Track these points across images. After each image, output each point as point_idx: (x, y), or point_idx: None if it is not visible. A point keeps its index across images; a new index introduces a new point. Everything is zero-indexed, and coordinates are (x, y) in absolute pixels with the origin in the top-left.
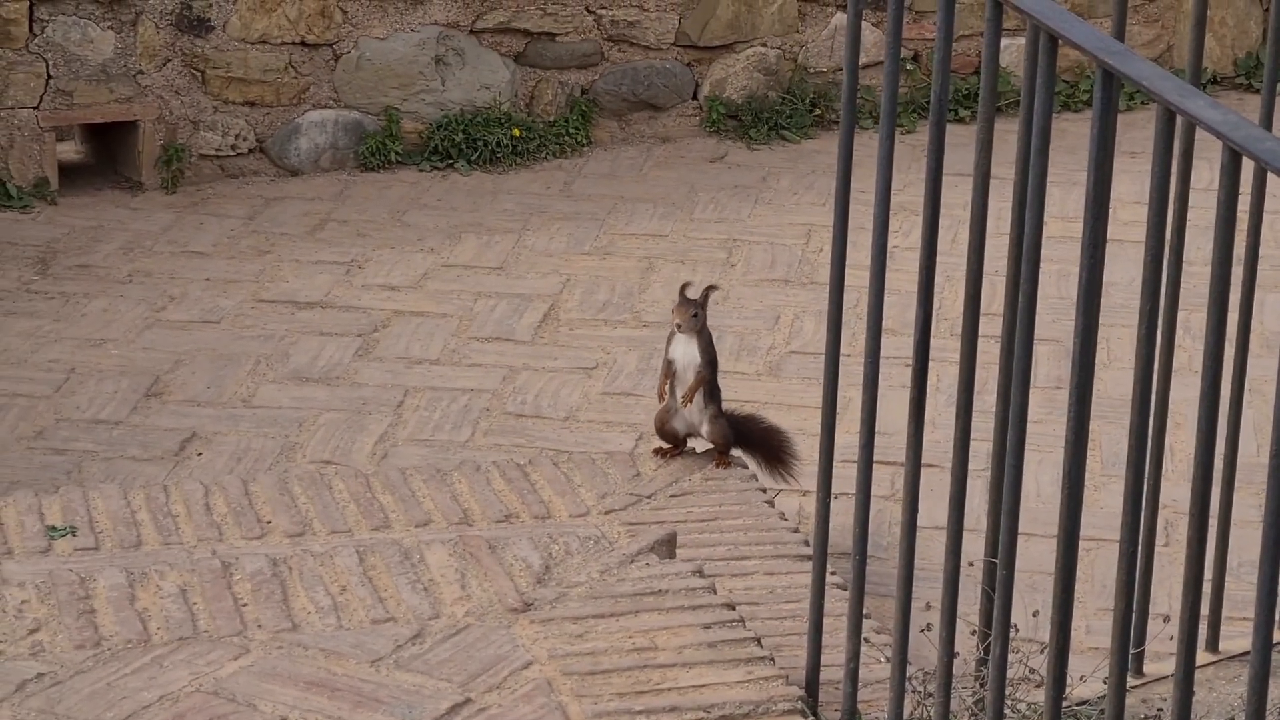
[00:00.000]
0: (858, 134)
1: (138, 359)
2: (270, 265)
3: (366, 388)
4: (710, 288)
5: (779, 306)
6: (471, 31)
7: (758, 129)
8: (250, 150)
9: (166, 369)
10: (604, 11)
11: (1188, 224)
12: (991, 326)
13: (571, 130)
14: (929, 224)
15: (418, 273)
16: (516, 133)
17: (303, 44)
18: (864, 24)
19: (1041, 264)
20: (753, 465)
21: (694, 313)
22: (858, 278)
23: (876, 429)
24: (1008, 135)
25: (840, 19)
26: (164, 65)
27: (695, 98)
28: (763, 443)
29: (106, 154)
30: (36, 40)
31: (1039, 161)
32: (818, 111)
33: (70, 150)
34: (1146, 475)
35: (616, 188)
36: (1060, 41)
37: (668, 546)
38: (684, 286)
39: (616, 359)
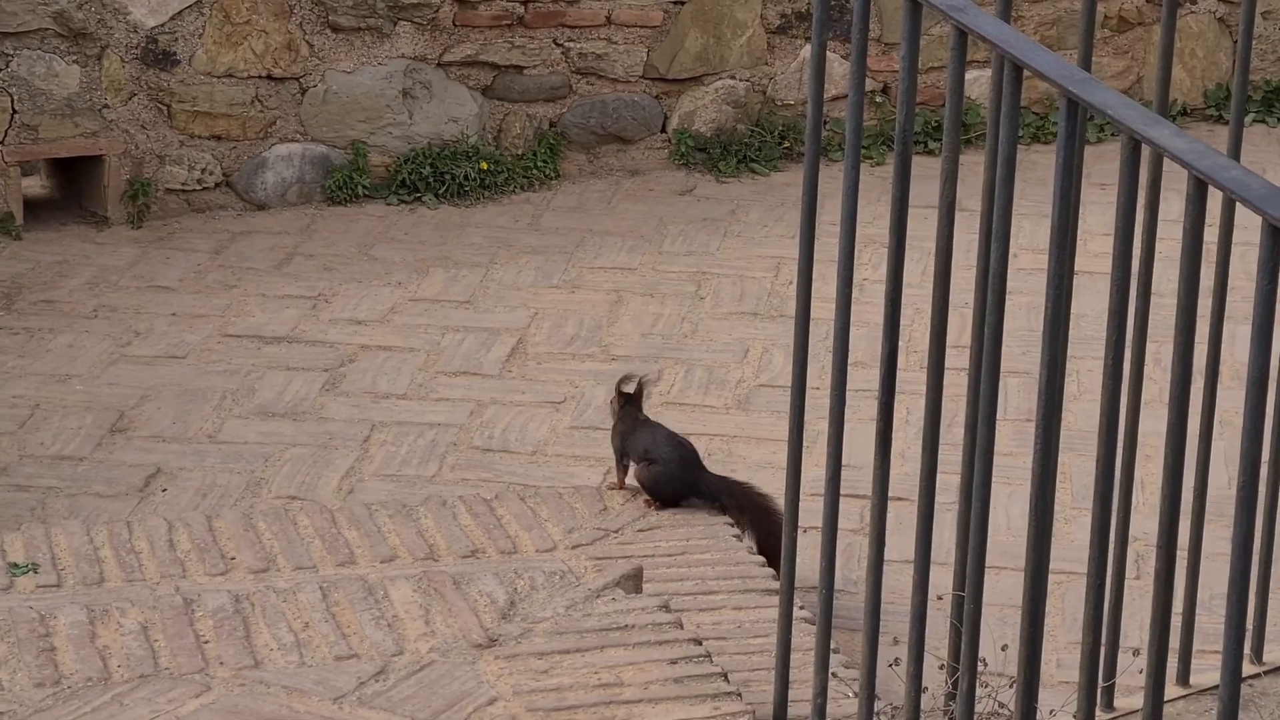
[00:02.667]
0: (826, 166)
1: (102, 394)
2: (237, 300)
3: (333, 423)
4: (643, 380)
5: (748, 339)
6: (439, 64)
7: (726, 161)
8: (217, 184)
9: (131, 404)
10: (572, 44)
11: (1156, 256)
12: (959, 359)
13: (540, 163)
14: (895, 256)
15: (385, 307)
16: (484, 166)
17: (269, 78)
18: (832, 56)
19: (1010, 296)
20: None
21: (609, 402)
22: (826, 310)
23: (844, 462)
24: (976, 167)
25: (809, 51)
26: (129, 99)
27: (664, 130)
28: (755, 523)
29: (72, 189)
30: (1, 75)
31: (1004, 191)
32: (787, 144)
33: (35, 185)
34: (1116, 508)
35: (585, 221)
36: (1026, 71)
37: (634, 581)
38: (621, 380)
39: (584, 393)
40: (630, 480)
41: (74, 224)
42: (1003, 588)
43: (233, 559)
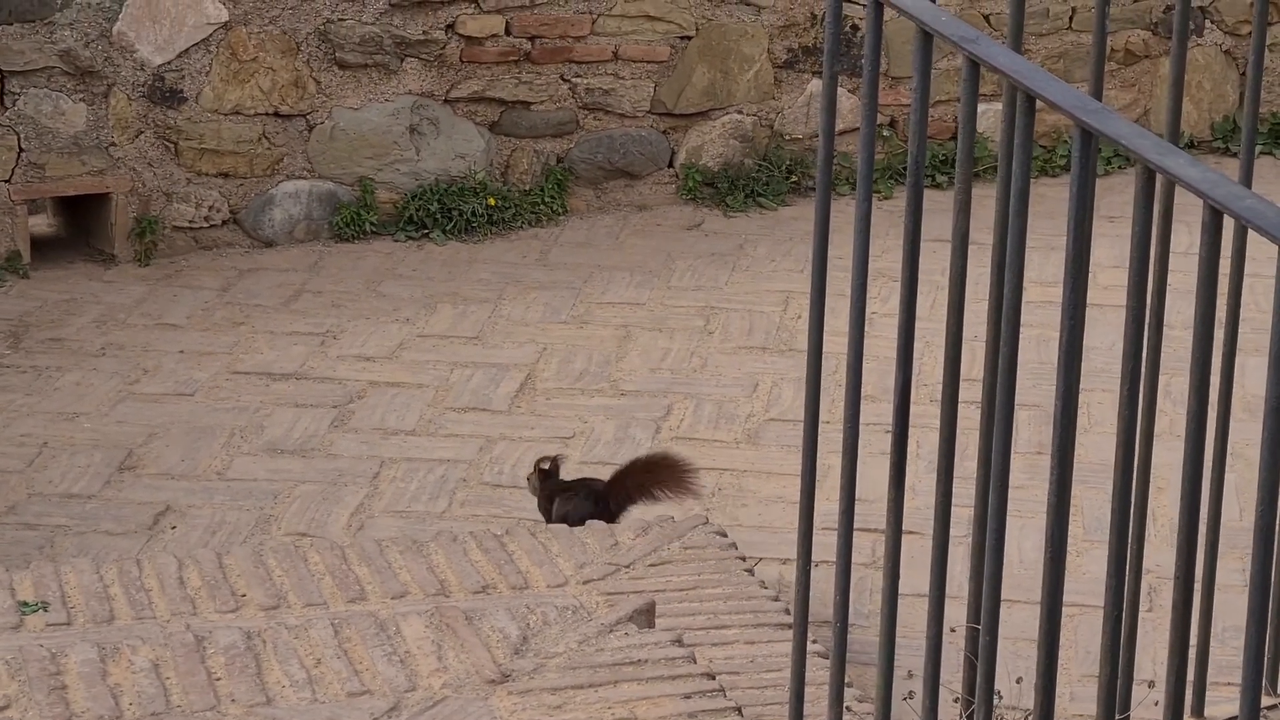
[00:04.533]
0: (835, 200)
1: (111, 432)
2: (245, 337)
3: (342, 459)
4: (555, 461)
5: (757, 374)
6: (446, 101)
7: (734, 196)
8: (224, 222)
9: (140, 442)
10: (579, 80)
11: (1168, 288)
12: (971, 392)
13: (547, 199)
14: (908, 288)
15: (393, 343)
16: (492, 202)
17: (276, 114)
18: (840, 90)
19: (1022, 329)
20: (666, 503)
21: (529, 476)
22: (836, 344)
23: (857, 496)
24: (986, 200)
25: (816, 85)
26: (136, 137)
27: (671, 165)
28: (665, 480)
29: (79, 226)
30: (8, 113)
31: (1018, 222)
32: (794, 178)
33: (42, 223)
34: (1130, 540)
35: (593, 256)
36: (1038, 101)
37: (647, 616)
38: (539, 460)
39: (594, 428)
40: None
41: (81, 262)
42: (1015, 620)
43: (243, 596)
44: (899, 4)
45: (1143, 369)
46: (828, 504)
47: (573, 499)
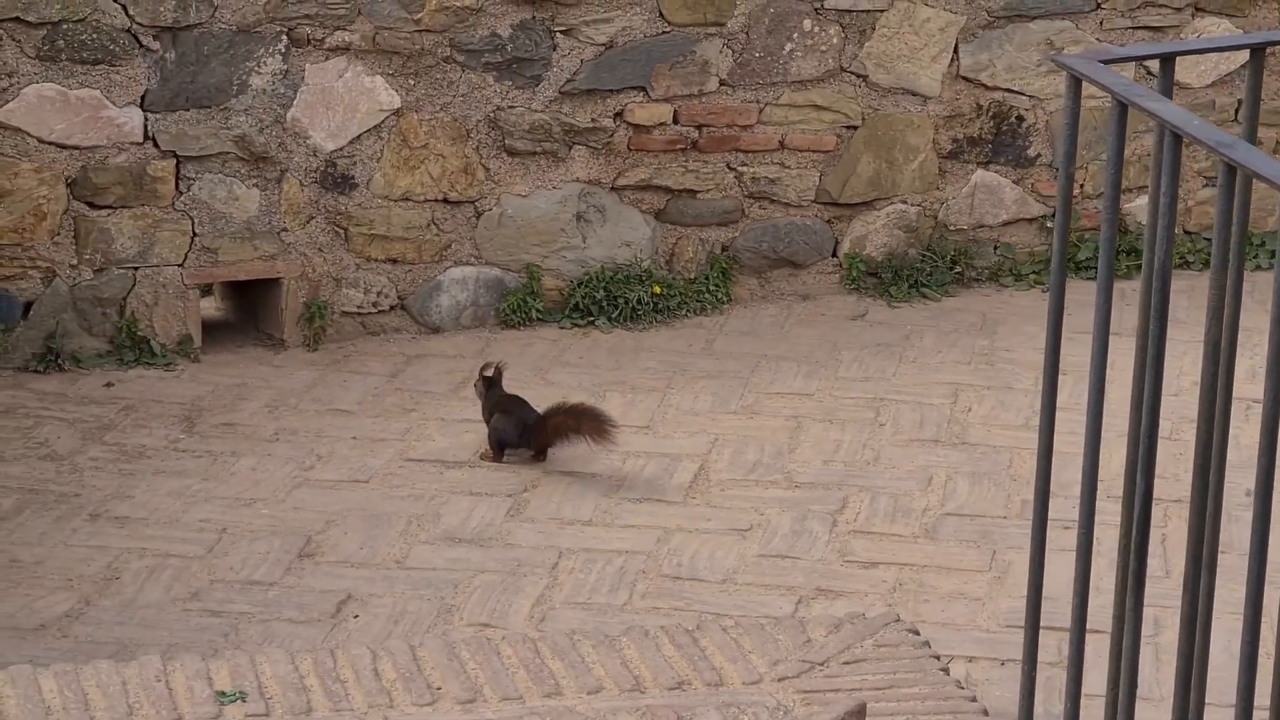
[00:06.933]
0: (998, 290)
1: (288, 519)
2: (416, 423)
3: (520, 548)
4: (498, 367)
5: (930, 467)
6: (613, 188)
7: (898, 286)
8: (391, 307)
9: (318, 529)
10: (745, 169)
11: None
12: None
13: (712, 287)
14: (1152, 384)
15: None
16: (657, 290)
17: (445, 201)
18: (1003, 180)
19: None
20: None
21: (475, 384)
22: (1005, 438)
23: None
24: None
25: (981, 176)
26: (308, 222)
27: (835, 254)
28: (587, 429)
29: (248, 310)
30: (183, 198)
31: (1233, 309)
32: (958, 269)
33: (210, 307)
34: None
35: (759, 345)
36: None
37: (857, 718)
38: (483, 367)
39: (770, 520)
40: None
41: (250, 346)
42: None
43: (439, 689)
44: (1149, 108)
45: None
46: (1010, 601)
47: (507, 420)
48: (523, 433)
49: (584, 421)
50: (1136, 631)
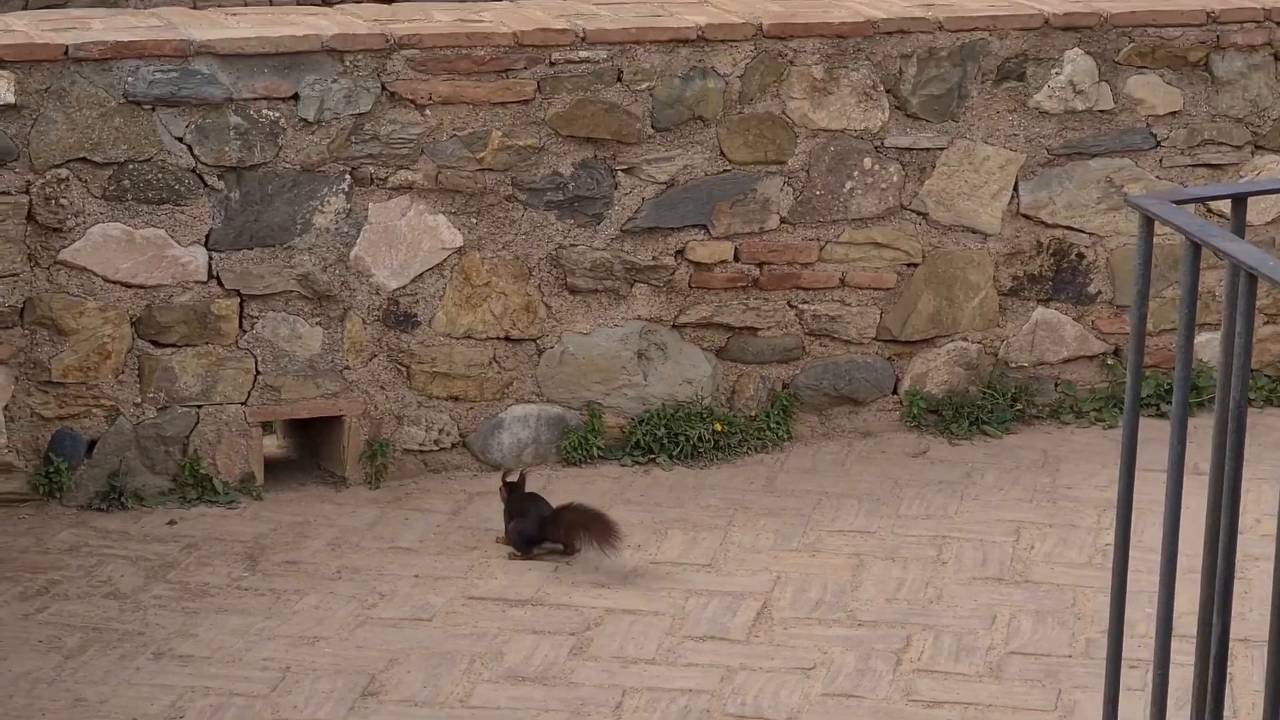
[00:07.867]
0: (1057, 429)
1: (352, 657)
2: (478, 561)
3: (584, 687)
4: (522, 472)
5: (994, 605)
6: (674, 326)
7: (959, 424)
8: (453, 445)
9: (381, 668)
10: (805, 306)
11: None
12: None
13: (773, 425)
14: (1228, 530)
15: (627, 569)
16: (718, 427)
17: (507, 339)
18: (1063, 318)
19: (1258, 562)
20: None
21: (499, 490)
22: (1068, 576)
23: None
24: (1203, 430)
25: (1041, 313)
26: (370, 360)
27: (895, 392)
28: (593, 533)
29: (309, 448)
30: (246, 336)
31: None
32: (1019, 406)
33: (273, 444)
34: None
35: (820, 483)
36: None
37: None
38: (505, 473)
39: (834, 659)
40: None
41: (312, 484)
42: None
43: None
44: (1225, 248)
45: None
46: None
47: (524, 520)
48: (540, 525)
49: (593, 524)
50: None
